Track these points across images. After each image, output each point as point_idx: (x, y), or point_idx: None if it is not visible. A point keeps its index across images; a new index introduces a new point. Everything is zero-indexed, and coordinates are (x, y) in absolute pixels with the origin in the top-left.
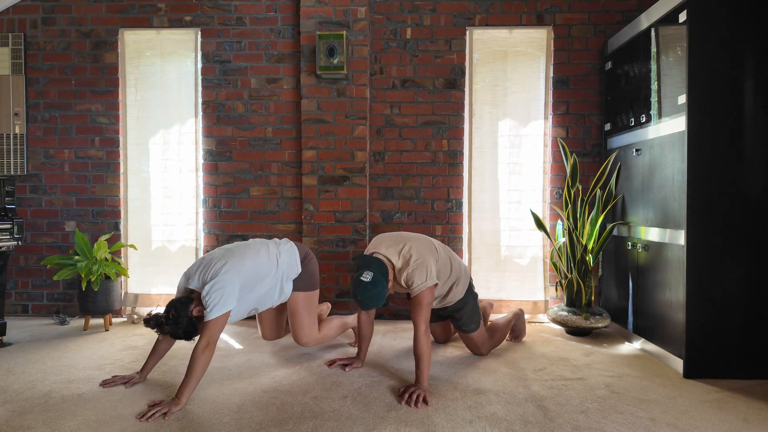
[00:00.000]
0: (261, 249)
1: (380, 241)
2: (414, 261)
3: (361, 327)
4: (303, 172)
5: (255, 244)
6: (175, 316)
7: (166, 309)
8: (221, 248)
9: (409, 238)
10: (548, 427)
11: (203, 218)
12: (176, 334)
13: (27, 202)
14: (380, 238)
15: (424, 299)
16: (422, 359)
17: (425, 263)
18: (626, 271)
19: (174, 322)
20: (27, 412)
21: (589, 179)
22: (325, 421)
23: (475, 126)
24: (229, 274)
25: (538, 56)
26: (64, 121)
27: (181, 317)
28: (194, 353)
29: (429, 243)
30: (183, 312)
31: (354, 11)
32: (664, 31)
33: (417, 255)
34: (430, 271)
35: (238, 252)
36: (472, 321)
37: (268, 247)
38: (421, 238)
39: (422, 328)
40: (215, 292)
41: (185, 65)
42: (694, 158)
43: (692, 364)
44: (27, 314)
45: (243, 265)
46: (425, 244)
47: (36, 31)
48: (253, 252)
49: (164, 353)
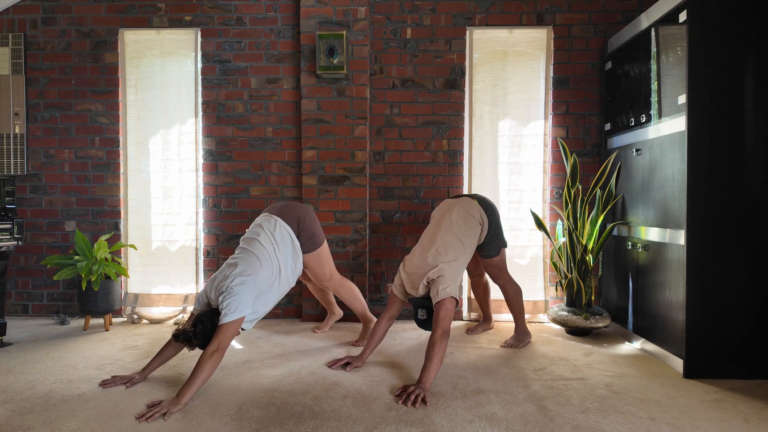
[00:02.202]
0: (268, 257)
1: (410, 278)
2: (439, 275)
3: (379, 327)
4: (303, 172)
5: (262, 252)
6: (203, 330)
7: (194, 323)
8: (233, 260)
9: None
10: (548, 427)
11: (203, 218)
12: (205, 345)
13: (27, 202)
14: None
15: (443, 307)
16: (432, 361)
17: (444, 277)
18: (626, 271)
19: (203, 336)
20: (27, 412)
21: (589, 179)
22: (325, 420)
23: (475, 126)
24: (245, 285)
25: (538, 56)
26: (64, 121)
27: (208, 330)
28: (203, 356)
29: (456, 238)
30: (210, 324)
31: (354, 11)
32: (664, 31)
33: (440, 273)
34: (444, 285)
35: (251, 265)
36: (495, 248)
37: (269, 253)
38: (449, 236)
39: (439, 333)
40: (230, 301)
41: (185, 65)
42: (694, 158)
43: (692, 364)
44: (27, 314)
45: (257, 279)
46: (453, 247)
47: (36, 31)
48: (264, 263)
49: (170, 358)
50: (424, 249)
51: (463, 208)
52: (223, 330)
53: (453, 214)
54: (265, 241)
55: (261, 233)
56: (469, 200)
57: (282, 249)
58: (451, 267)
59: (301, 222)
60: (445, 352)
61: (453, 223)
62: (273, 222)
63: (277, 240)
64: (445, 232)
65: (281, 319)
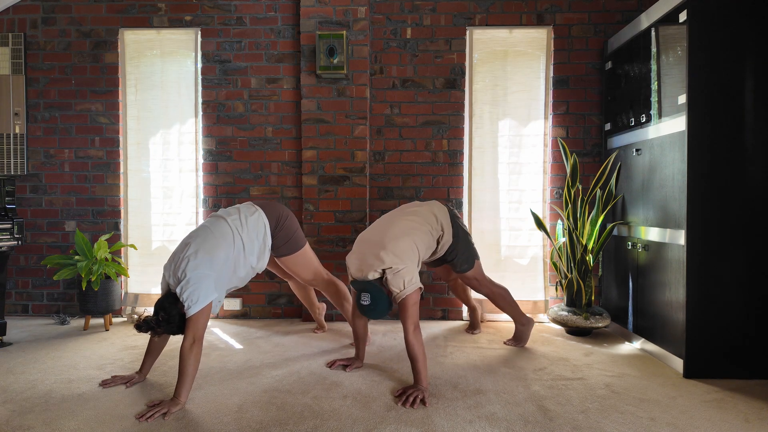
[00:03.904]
0: (226, 236)
1: (359, 256)
2: (393, 271)
3: (356, 328)
4: (303, 171)
5: (221, 229)
6: (165, 317)
7: (155, 311)
8: (188, 238)
9: (386, 242)
10: (548, 427)
11: (203, 218)
12: (173, 332)
13: (27, 202)
14: (359, 248)
15: (409, 302)
16: (417, 360)
17: (402, 272)
18: (626, 271)
19: (166, 322)
20: (27, 412)
21: (589, 179)
22: (325, 420)
23: (475, 126)
24: (201, 270)
25: (538, 56)
26: (64, 121)
27: (172, 316)
28: (182, 353)
29: (407, 242)
30: (172, 310)
31: (354, 11)
32: (664, 30)
33: (392, 264)
34: (409, 278)
35: (206, 244)
36: (465, 261)
37: (232, 231)
38: (399, 236)
39: (411, 330)
40: (190, 292)
41: (185, 65)
42: (694, 158)
43: (692, 364)
44: (27, 314)
45: (213, 259)
46: (402, 245)
47: (36, 31)
48: (220, 241)
49: (160, 350)
50: (380, 231)
51: (428, 205)
52: (192, 322)
53: (417, 208)
54: (234, 222)
55: (233, 214)
56: (439, 204)
57: (251, 232)
58: (408, 257)
59: (282, 220)
60: (423, 345)
61: (415, 212)
62: (253, 210)
63: (249, 225)
64: (405, 219)
65: (281, 319)
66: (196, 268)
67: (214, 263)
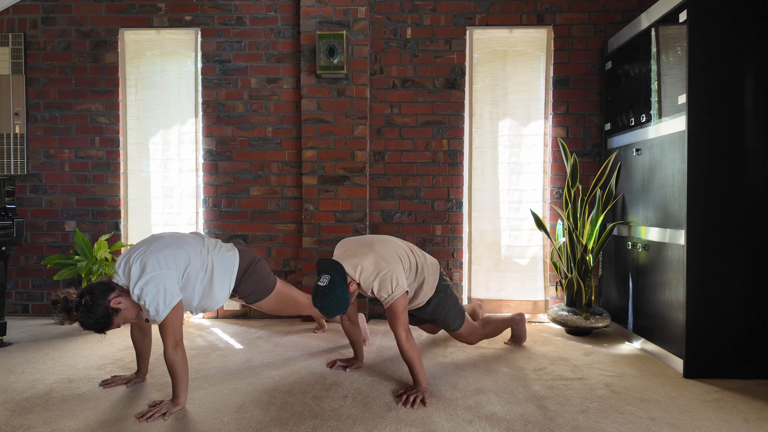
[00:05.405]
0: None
1: (341, 252)
2: (381, 274)
3: (350, 334)
4: (303, 171)
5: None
6: (89, 304)
7: (80, 293)
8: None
9: (372, 245)
10: (548, 427)
11: (203, 218)
12: (86, 324)
13: (27, 202)
14: (342, 246)
15: (398, 308)
16: (413, 364)
17: (389, 274)
18: (626, 271)
19: (86, 310)
20: (27, 412)
21: (589, 179)
22: (325, 420)
23: (475, 126)
24: (155, 272)
25: (538, 56)
26: (64, 121)
27: (96, 306)
28: (167, 358)
29: (393, 247)
30: (100, 300)
31: (354, 11)
32: (664, 30)
33: (377, 267)
34: (396, 281)
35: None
36: (457, 318)
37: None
38: (384, 243)
39: (403, 336)
40: (149, 301)
41: (185, 65)
42: (694, 158)
43: (692, 364)
44: (27, 314)
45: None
46: (388, 249)
47: (36, 31)
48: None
49: (148, 347)
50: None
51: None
52: (167, 326)
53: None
54: (208, 241)
55: (211, 239)
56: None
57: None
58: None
59: (252, 264)
60: (417, 347)
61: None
62: (230, 246)
63: (222, 253)
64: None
65: (281, 319)
66: (144, 272)
67: (177, 262)
